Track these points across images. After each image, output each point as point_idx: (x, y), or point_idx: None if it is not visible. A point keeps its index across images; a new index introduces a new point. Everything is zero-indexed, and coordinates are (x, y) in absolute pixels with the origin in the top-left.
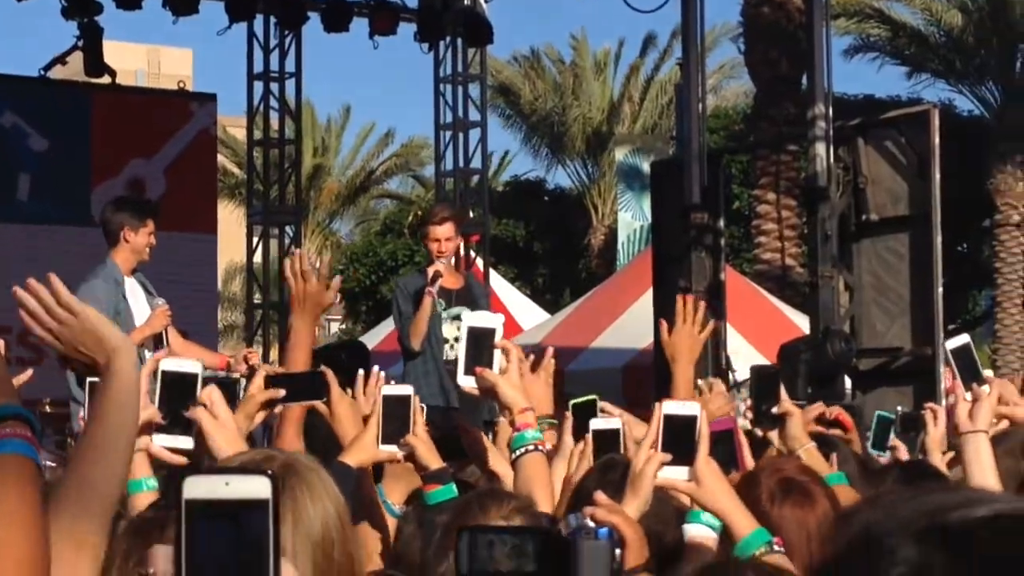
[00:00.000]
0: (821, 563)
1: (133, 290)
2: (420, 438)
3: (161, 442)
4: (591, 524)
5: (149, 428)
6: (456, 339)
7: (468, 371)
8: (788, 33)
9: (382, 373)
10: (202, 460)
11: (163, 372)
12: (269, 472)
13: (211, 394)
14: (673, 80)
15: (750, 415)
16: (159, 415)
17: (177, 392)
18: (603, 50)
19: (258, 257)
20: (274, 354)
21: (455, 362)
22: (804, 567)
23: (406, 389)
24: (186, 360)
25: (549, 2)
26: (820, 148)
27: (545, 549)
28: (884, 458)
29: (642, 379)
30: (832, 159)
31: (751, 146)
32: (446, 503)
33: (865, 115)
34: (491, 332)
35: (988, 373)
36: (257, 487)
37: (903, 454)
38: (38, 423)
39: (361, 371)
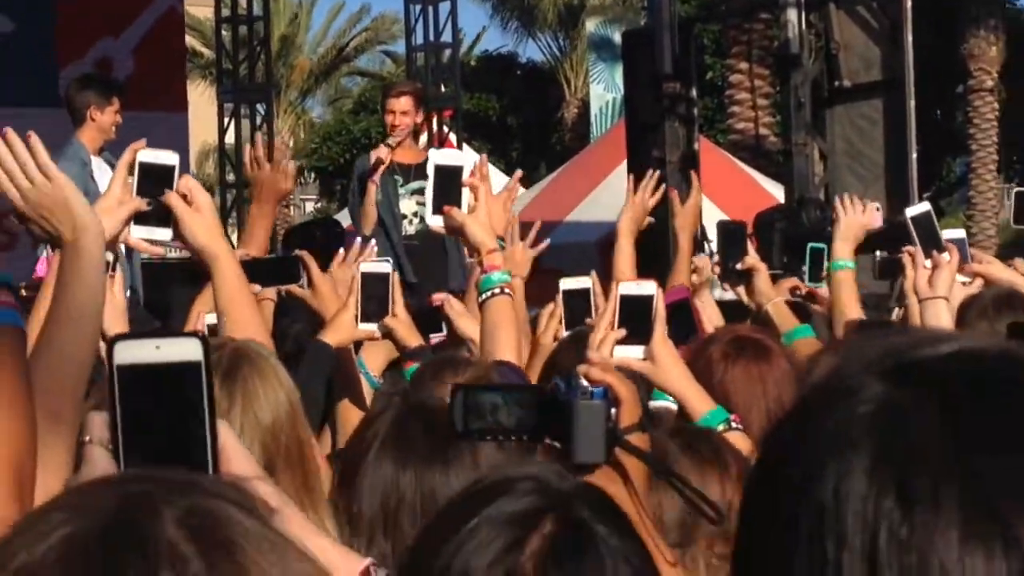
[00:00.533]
0: (787, 412)
1: (100, 169)
2: (399, 318)
3: (138, 234)
4: (586, 384)
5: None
6: (415, 214)
7: (436, 210)
8: None
9: (373, 243)
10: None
11: (140, 163)
12: (199, 334)
13: (188, 182)
14: None
15: (717, 271)
16: (144, 204)
17: (155, 182)
18: None
19: (230, 137)
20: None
21: (415, 236)
22: (760, 427)
23: (385, 266)
24: (164, 151)
25: None
26: (792, 14)
27: (540, 408)
28: (822, 289)
29: None
30: (804, 25)
31: (723, 15)
32: None
33: None
34: (458, 170)
35: (956, 233)
36: (188, 349)
37: None
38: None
39: (342, 249)
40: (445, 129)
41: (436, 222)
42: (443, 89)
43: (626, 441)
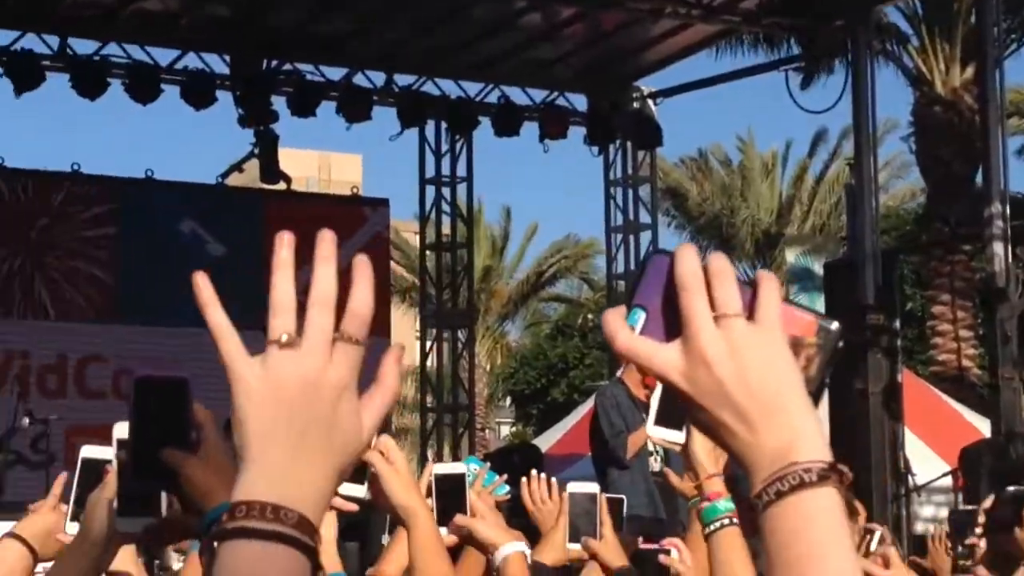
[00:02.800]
0: None
1: None
2: (606, 540)
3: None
4: None
5: None
6: (657, 450)
7: (659, 421)
8: (960, 131)
9: (542, 475)
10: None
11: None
12: None
13: (387, 442)
14: (842, 179)
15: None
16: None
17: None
18: (771, 150)
19: (431, 360)
20: (447, 456)
21: (657, 474)
22: None
23: (592, 487)
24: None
25: (715, 103)
26: (998, 247)
27: None
28: None
29: None
30: (1010, 258)
31: (924, 246)
32: None
33: None
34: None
35: None
36: None
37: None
38: None
39: (531, 473)
40: None
41: (659, 434)
42: None
43: None
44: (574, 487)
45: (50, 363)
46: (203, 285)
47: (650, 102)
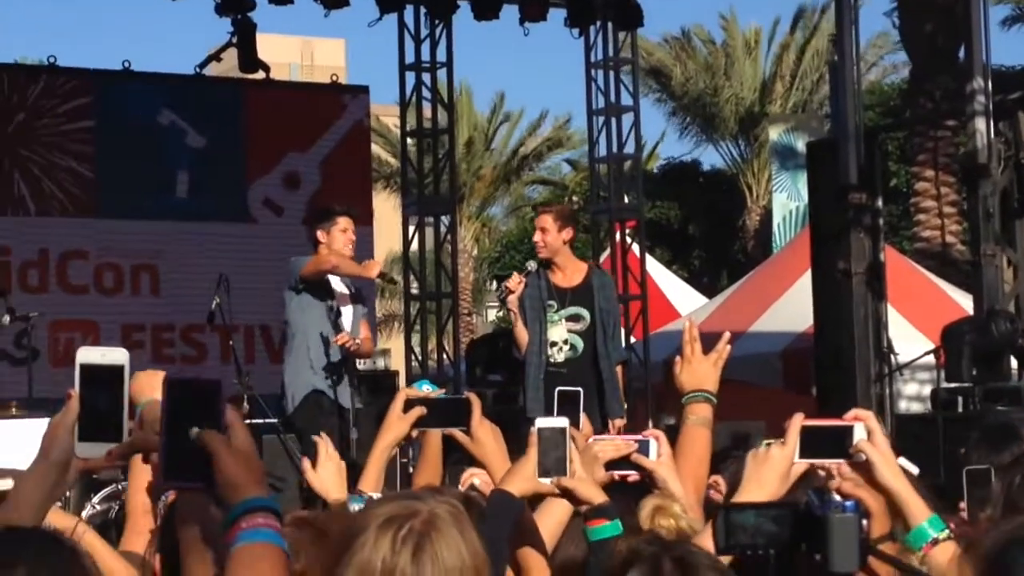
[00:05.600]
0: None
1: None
2: (578, 477)
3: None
4: (839, 498)
5: None
6: (565, 341)
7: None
8: (943, 5)
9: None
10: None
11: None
12: None
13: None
14: (823, 55)
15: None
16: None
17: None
18: (752, 28)
19: (415, 246)
20: (432, 343)
21: (562, 364)
22: None
23: (561, 422)
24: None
25: None
26: (980, 123)
27: (795, 523)
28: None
29: (802, 363)
30: (992, 134)
31: (908, 122)
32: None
33: None
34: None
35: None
36: None
37: None
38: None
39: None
40: (628, 240)
41: None
42: (626, 199)
43: (878, 550)
44: (542, 422)
45: (32, 259)
46: None
47: None
